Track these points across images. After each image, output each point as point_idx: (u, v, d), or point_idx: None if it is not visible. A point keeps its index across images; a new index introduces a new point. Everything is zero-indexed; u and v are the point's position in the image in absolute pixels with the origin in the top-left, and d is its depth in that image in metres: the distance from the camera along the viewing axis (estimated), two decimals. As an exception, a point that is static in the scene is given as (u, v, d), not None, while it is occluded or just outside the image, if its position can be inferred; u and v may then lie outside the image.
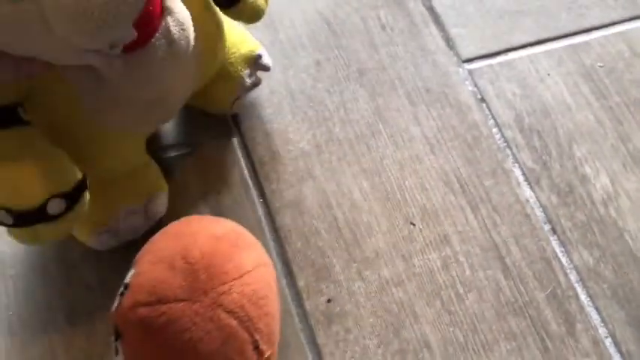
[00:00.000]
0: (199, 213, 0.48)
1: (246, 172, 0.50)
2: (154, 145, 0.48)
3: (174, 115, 0.44)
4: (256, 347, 0.34)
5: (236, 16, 0.44)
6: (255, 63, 0.48)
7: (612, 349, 0.46)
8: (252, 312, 0.34)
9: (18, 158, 0.34)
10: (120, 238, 0.44)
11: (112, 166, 0.42)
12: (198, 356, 0.33)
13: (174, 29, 0.35)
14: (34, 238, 0.38)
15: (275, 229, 0.48)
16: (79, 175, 0.38)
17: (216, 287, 0.33)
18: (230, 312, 0.33)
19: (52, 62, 0.34)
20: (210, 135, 0.51)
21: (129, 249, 0.45)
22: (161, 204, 0.45)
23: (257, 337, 0.34)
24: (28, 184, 0.35)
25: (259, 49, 0.49)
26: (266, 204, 0.49)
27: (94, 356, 0.43)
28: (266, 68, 0.50)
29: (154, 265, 0.35)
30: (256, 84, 0.50)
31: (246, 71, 0.48)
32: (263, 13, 0.44)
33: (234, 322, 0.33)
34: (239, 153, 0.51)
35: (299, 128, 0.52)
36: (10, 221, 0.36)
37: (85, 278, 0.45)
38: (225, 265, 0.34)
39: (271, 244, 0.48)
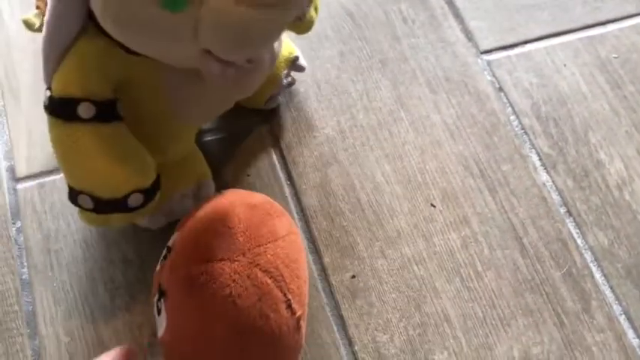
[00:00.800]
0: (230, 194, 0.51)
1: (274, 156, 0.53)
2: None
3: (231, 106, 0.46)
4: (289, 306, 0.37)
5: (294, 29, 0.46)
6: (292, 64, 0.51)
7: (626, 325, 0.47)
8: (285, 273, 0.36)
9: (112, 152, 0.37)
10: (171, 217, 0.46)
11: (174, 156, 0.45)
12: (237, 311, 0.35)
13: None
14: (105, 223, 0.41)
15: (302, 209, 0.51)
16: (156, 174, 0.41)
17: (253, 249, 0.36)
18: (265, 271, 0.36)
19: (167, 63, 0.36)
20: (243, 122, 0.54)
21: (165, 227, 0.48)
22: (210, 188, 0.47)
23: (289, 296, 0.37)
24: (117, 177, 0.38)
25: (296, 52, 0.51)
26: (293, 186, 0.52)
27: (134, 326, 0.46)
28: (302, 69, 0.52)
29: (195, 230, 0.38)
30: (291, 84, 0.53)
31: (284, 71, 0.51)
32: (314, 25, 0.47)
33: (269, 281, 0.36)
34: (268, 139, 0.53)
35: (324, 115, 0.55)
36: (91, 206, 0.38)
37: (125, 253, 0.48)
38: (260, 230, 0.37)
39: (298, 223, 0.50)
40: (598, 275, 0.49)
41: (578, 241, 0.50)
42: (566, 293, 0.48)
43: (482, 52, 0.58)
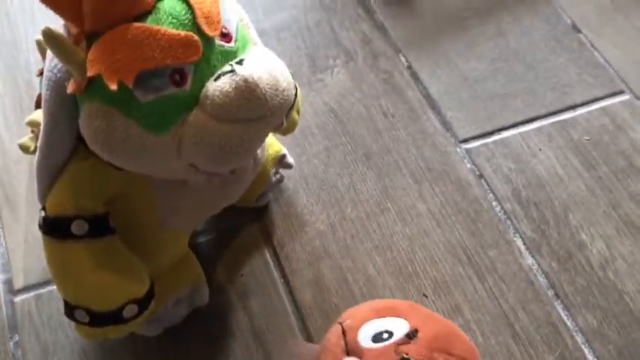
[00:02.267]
0: (226, 294, 0.52)
1: (267, 254, 0.54)
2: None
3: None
4: None
5: (277, 132, 0.46)
6: (280, 162, 0.53)
7: (622, 407, 0.48)
8: None
9: (105, 266, 0.38)
10: (166, 324, 0.47)
11: (167, 261, 0.46)
12: None
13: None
14: (102, 335, 0.41)
15: (297, 307, 0.51)
16: (149, 282, 0.42)
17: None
18: None
19: (154, 175, 0.38)
20: (234, 221, 0.55)
21: (161, 334, 0.48)
22: (205, 292, 0.48)
23: None
24: (111, 290, 0.39)
25: (283, 150, 0.54)
26: (287, 283, 0.53)
27: None
28: (289, 166, 0.55)
29: (437, 329, 0.41)
30: (280, 181, 0.55)
31: (273, 169, 0.53)
32: (297, 125, 0.49)
33: None
34: (260, 236, 0.55)
35: (314, 210, 0.56)
36: (87, 320, 0.39)
37: (123, 362, 0.48)
38: None
39: (295, 322, 0.51)
40: (590, 357, 0.50)
41: (568, 323, 0.51)
42: (562, 378, 0.49)
43: (460, 142, 0.61)
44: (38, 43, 0.42)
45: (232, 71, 0.33)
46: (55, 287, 0.51)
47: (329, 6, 0.70)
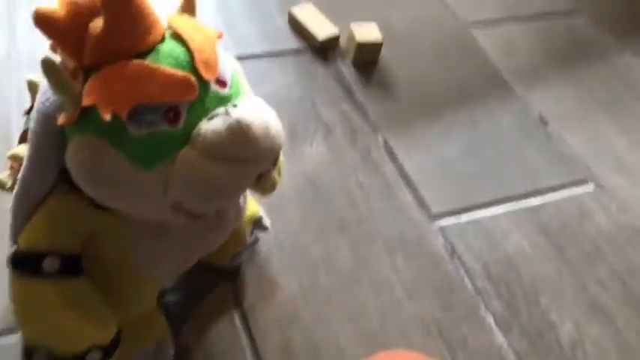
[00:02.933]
0: (192, 356, 0.49)
1: (236, 317, 0.53)
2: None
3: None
4: None
5: (258, 189, 0.45)
6: (256, 223, 0.53)
7: None
8: None
9: (72, 307, 0.37)
10: None
11: (134, 312, 0.44)
12: None
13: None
14: None
15: (264, 373, 0.50)
16: (116, 329, 0.40)
17: None
18: None
19: (136, 216, 0.37)
20: (205, 281, 0.54)
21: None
22: (170, 349, 0.46)
23: None
24: (76, 333, 0.37)
25: (260, 211, 0.54)
26: (255, 349, 0.51)
27: None
28: (265, 229, 0.54)
29: None
30: (255, 242, 0.55)
31: (249, 229, 0.53)
32: (277, 186, 0.49)
33: None
34: (230, 298, 0.54)
35: (287, 275, 0.56)
36: None
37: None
38: None
39: (260, 388, 0.49)
40: None
41: (539, 403, 0.51)
42: None
43: (433, 218, 0.62)
44: (29, 82, 0.42)
45: (226, 113, 0.34)
46: (8, 339, 0.48)
47: (311, 84, 0.73)
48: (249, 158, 0.34)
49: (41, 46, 0.69)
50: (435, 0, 0.89)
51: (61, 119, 0.34)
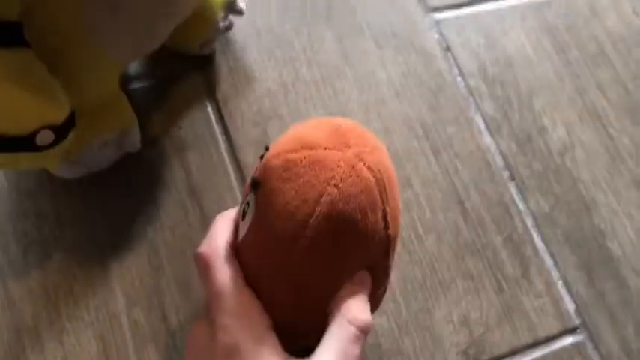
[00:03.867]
0: (161, 146, 0.47)
1: (209, 108, 0.49)
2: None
3: (159, 45, 0.42)
4: (384, 217, 0.33)
5: None
6: (229, 7, 0.47)
7: (563, 291, 0.47)
8: (386, 182, 0.33)
9: (17, 82, 0.32)
10: (91, 167, 0.42)
11: (92, 97, 0.40)
12: (340, 196, 0.31)
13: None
14: (14, 164, 0.36)
15: (239, 167, 0.47)
16: (69, 110, 0.36)
17: (359, 145, 0.33)
18: (369, 169, 0.32)
19: None
20: (174, 69, 0.50)
21: (84, 179, 0.44)
22: (135, 137, 0.43)
23: (386, 207, 0.33)
24: (23, 111, 0.33)
25: None
26: (229, 141, 0.48)
27: (49, 285, 0.42)
28: (240, 12, 0.48)
29: (295, 129, 0.34)
30: (229, 28, 0.49)
31: (221, 14, 0.47)
32: None
33: (372, 179, 0.32)
34: (203, 88, 0.50)
35: (265, 67, 0.51)
36: None
37: (40, 207, 0.44)
38: (365, 134, 0.34)
39: (234, 182, 0.47)
40: (538, 240, 0.49)
41: (520, 205, 0.50)
42: (507, 258, 0.48)
43: (431, 10, 0.56)
44: None
45: None
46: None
47: None
48: None
49: None
50: None
51: None
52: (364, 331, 0.32)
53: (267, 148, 0.35)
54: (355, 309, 0.32)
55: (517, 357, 0.45)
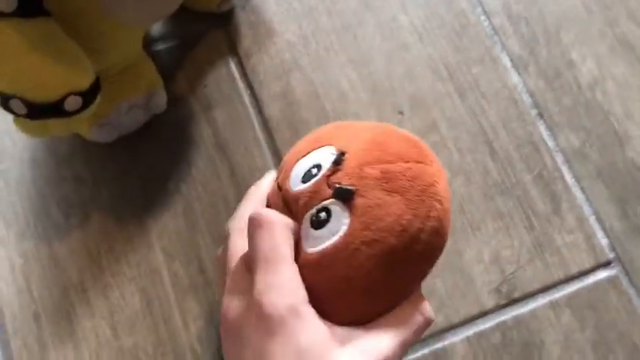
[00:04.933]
0: (187, 105, 0.48)
1: (232, 64, 0.50)
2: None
3: (178, 6, 0.42)
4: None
5: None
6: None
7: (596, 226, 0.47)
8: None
9: (41, 49, 0.33)
10: (120, 130, 0.44)
11: (116, 61, 0.41)
12: (443, 212, 0.32)
13: None
14: (43, 131, 0.37)
15: (263, 120, 0.48)
16: (95, 76, 0.37)
17: (434, 159, 0.34)
18: (446, 189, 0.34)
19: None
20: (195, 28, 0.50)
21: (117, 142, 0.45)
22: (162, 98, 0.44)
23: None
24: (50, 78, 0.34)
25: None
26: (254, 96, 0.49)
27: (91, 244, 0.44)
28: None
29: (373, 137, 0.34)
30: None
31: None
32: None
33: (447, 197, 0.33)
34: (225, 46, 0.50)
35: (284, 19, 0.51)
36: (24, 112, 0.35)
37: (76, 171, 0.45)
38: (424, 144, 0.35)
39: (260, 135, 0.48)
40: (569, 177, 0.48)
41: (549, 143, 0.49)
42: (537, 196, 0.47)
43: (450, -51, 0.55)
44: None
45: None
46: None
47: None
48: None
49: None
50: None
51: None
52: (425, 325, 0.33)
53: (342, 154, 0.33)
54: (427, 304, 0.33)
55: (550, 293, 0.45)
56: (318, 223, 0.32)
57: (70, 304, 0.42)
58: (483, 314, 0.44)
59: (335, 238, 0.31)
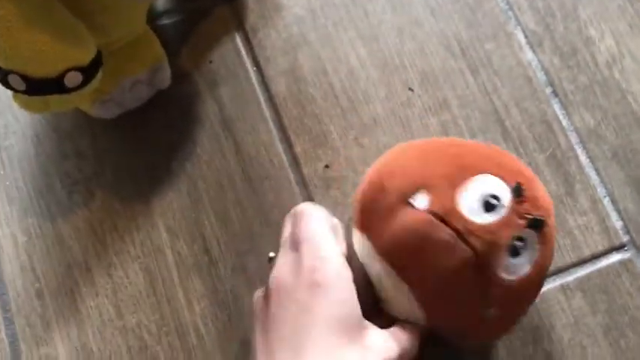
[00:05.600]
0: (193, 81, 0.47)
1: (238, 40, 0.48)
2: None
3: None
4: None
5: None
6: None
7: (610, 207, 0.46)
8: None
9: (41, 24, 0.33)
10: (124, 107, 0.43)
11: (119, 36, 0.40)
12: None
13: None
14: (43, 107, 0.37)
15: (270, 97, 0.47)
16: (96, 51, 0.36)
17: None
18: None
19: None
20: (201, 2, 0.49)
21: (121, 118, 0.44)
22: (166, 73, 0.43)
23: None
24: (50, 53, 0.33)
25: None
26: (260, 72, 0.48)
27: (95, 222, 0.43)
28: None
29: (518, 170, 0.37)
30: None
31: None
32: None
33: None
34: (231, 20, 0.49)
35: (292, -7, 0.50)
36: (23, 87, 0.34)
37: (79, 147, 0.45)
38: None
39: (267, 112, 0.47)
40: (583, 157, 0.47)
41: (564, 122, 0.48)
42: (550, 176, 0.46)
43: None
44: None
45: None
46: None
47: None
48: None
49: None
50: None
51: None
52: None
53: (520, 184, 0.35)
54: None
55: (561, 276, 0.44)
56: (515, 252, 0.34)
57: (74, 282, 0.42)
58: (492, 297, 0.43)
59: (531, 264, 0.35)
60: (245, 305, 0.42)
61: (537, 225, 0.34)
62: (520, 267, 0.34)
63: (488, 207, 0.34)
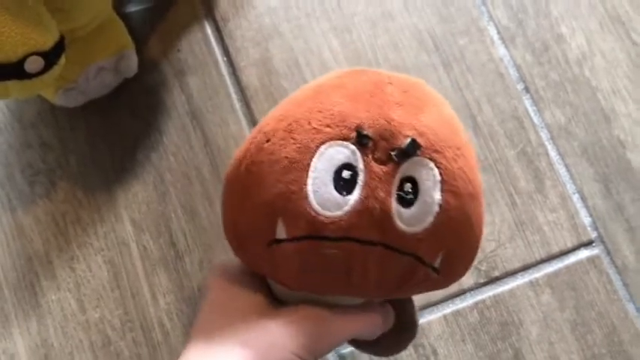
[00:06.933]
0: (160, 70, 0.46)
1: (208, 29, 0.47)
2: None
3: None
4: None
5: None
6: None
7: (579, 204, 0.46)
8: None
9: (1, 6, 0.31)
10: (89, 95, 0.41)
11: (84, 22, 0.39)
12: None
13: None
14: (3, 94, 0.35)
15: (241, 89, 0.46)
16: (58, 36, 0.35)
17: None
18: None
19: None
20: (169, -11, 0.48)
21: (85, 107, 0.43)
22: (132, 61, 0.42)
23: None
24: (10, 36, 0.32)
25: None
26: (230, 63, 0.47)
27: (57, 214, 0.42)
28: None
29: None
30: None
31: None
32: None
33: None
34: (201, 9, 0.48)
35: (264, -17, 0.49)
36: None
37: (43, 137, 0.43)
38: None
39: (237, 104, 0.46)
40: (553, 154, 0.47)
41: (535, 118, 0.48)
42: (520, 172, 0.46)
43: None
44: None
45: None
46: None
47: None
48: None
49: None
50: None
51: None
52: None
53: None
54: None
55: (530, 272, 0.44)
56: (406, 202, 0.28)
57: (34, 275, 0.41)
58: (462, 293, 0.43)
59: (441, 194, 0.28)
60: (212, 300, 0.41)
61: (405, 154, 0.27)
62: (425, 207, 0.28)
63: (346, 185, 0.27)
